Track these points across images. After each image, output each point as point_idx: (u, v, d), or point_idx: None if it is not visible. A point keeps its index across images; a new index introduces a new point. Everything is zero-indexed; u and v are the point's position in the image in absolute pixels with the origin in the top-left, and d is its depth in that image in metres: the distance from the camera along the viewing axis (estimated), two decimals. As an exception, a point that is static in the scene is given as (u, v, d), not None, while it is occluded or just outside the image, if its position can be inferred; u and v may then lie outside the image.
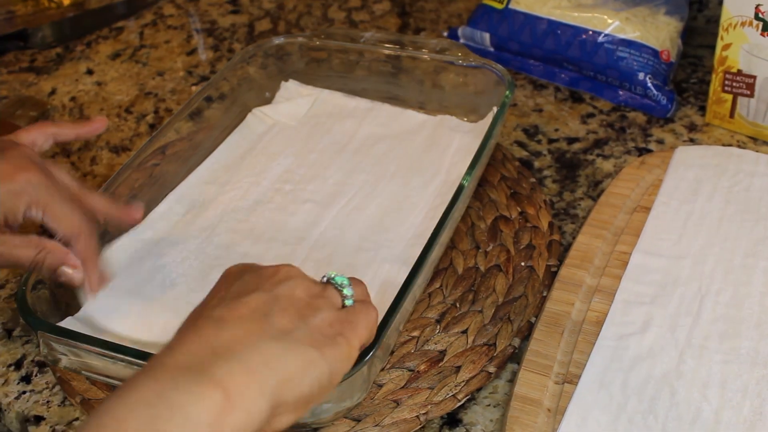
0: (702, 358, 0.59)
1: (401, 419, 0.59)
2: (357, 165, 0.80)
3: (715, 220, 0.70)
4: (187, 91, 0.99)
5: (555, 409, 0.57)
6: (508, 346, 0.63)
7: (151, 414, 0.38)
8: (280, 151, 0.83)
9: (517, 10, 0.93)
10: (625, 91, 0.90)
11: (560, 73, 0.94)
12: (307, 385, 0.43)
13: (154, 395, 0.39)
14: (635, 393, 0.57)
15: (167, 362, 0.41)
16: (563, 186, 0.80)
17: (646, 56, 0.87)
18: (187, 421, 0.38)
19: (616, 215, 0.72)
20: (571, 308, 0.64)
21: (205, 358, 0.41)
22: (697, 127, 0.86)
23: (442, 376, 0.61)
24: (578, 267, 0.68)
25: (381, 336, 0.54)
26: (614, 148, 0.84)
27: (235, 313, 0.45)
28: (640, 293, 0.64)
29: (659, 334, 0.61)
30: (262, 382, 0.41)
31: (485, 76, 0.80)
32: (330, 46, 0.88)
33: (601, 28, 0.89)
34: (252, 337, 0.43)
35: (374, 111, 0.87)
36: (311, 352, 0.44)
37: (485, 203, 0.76)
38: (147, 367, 0.41)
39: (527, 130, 0.88)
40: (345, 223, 0.73)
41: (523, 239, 0.72)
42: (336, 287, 0.51)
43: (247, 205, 0.76)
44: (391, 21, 1.10)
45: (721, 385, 0.57)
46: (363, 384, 0.57)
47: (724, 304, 0.63)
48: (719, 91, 0.83)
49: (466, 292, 0.68)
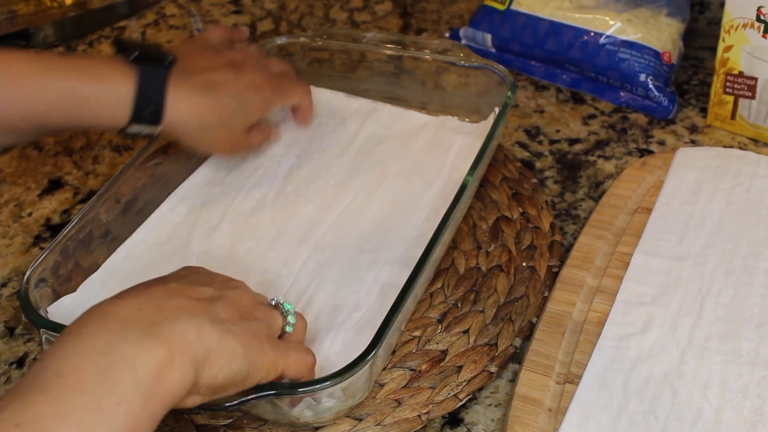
0: (703, 359, 0.59)
1: (403, 418, 0.59)
2: (359, 166, 0.81)
3: (716, 222, 0.70)
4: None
5: (556, 409, 0.57)
6: (510, 346, 0.64)
7: (105, 363, 0.41)
8: (283, 152, 0.83)
9: (518, 11, 0.94)
10: (627, 92, 0.90)
11: (562, 74, 0.94)
12: (223, 374, 0.46)
13: (107, 345, 0.42)
14: (636, 393, 0.57)
15: (119, 314, 0.44)
16: (565, 187, 0.80)
17: (648, 57, 0.88)
18: (136, 373, 0.41)
19: (617, 216, 0.73)
20: (573, 308, 0.64)
21: (153, 317, 0.45)
22: (698, 129, 0.86)
23: (444, 375, 0.62)
24: (579, 267, 0.68)
25: (383, 335, 0.54)
26: (615, 149, 0.85)
27: (186, 291, 0.49)
28: (641, 294, 0.64)
29: (660, 334, 0.61)
30: (194, 353, 0.45)
31: (487, 77, 0.80)
32: (332, 46, 0.88)
33: (602, 30, 0.89)
34: (194, 312, 0.47)
35: (376, 112, 0.87)
36: (238, 347, 0.47)
37: (487, 203, 0.77)
38: (98, 313, 0.45)
39: (529, 130, 0.88)
40: (347, 225, 0.74)
41: (525, 240, 0.72)
42: (282, 312, 0.54)
43: (249, 206, 0.77)
44: (392, 21, 1.10)
45: (721, 385, 0.57)
46: (365, 383, 0.57)
47: (724, 305, 0.63)
48: (720, 93, 0.83)
49: (467, 292, 0.68)
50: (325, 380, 0.52)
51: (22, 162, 0.90)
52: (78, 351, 0.42)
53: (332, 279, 0.68)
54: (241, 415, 0.60)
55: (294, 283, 0.68)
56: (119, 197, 0.72)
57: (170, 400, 0.43)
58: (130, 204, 0.74)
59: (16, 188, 0.87)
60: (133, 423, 0.41)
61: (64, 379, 0.40)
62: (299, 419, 0.56)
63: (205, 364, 0.45)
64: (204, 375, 0.45)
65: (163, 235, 0.74)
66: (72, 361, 0.41)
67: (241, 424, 0.60)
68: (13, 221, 0.82)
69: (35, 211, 0.84)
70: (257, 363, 0.49)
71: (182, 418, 0.61)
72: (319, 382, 0.52)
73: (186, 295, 0.49)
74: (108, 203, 0.70)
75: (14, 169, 0.89)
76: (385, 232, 0.72)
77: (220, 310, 0.49)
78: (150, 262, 0.71)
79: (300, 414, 0.55)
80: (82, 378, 0.40)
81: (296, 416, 0.56)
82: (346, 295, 0.66)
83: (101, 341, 0.42)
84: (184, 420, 0.60)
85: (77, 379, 0.40)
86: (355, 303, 0.65)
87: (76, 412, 0.39)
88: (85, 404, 0.39)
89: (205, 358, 0.45)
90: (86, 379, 0.40)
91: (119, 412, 0.40)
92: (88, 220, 0.68)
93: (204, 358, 0.45)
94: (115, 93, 0.64)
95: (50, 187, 0.87)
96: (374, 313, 0.64)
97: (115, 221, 0.72)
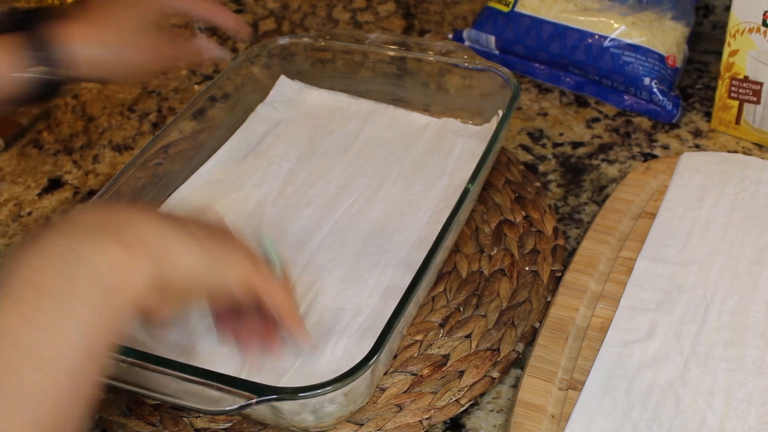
0: (707, 366, 0.59)
1: (404, 424, 0.59)
2: (360, 168, 0.80)
3: (720, 227, 0.70)
4: (191, 90, 0.99)
5: (559, 415, 0.57)
6: (512, 351, 0.63)
7: (64, 261, 0.43)
8: (283, 153, 0.83)
9: (522, 13, 0.93)
10: (631, 96, 0.90)
11: (565, 77, 0.94)
12: (186, 271, 0.48)
13: (66, 248, 0.44)
14: (640, 400, 0.57)
15: (81, 223, 0.46)
16: (568, 190, 0.80)
17: (652, 61, 0.87)
18: (93, 271, 0.43)
19: (621, 221, 0.73)
20: (576, 314, 0.64)
21: (114, 223, 0.46)
22: (702, 133, 0.86)
23: (446, 380, 0.61)
24: (583, 272, 0.68)
25: (385, 340, 0.54)
26: (619, 153, 0.84)
27: (160, 218, 0.50)
28: (645, 299, 0.64)
29: (664, 341, 0.61)
30: (152, 249, 0.46)
31: (491, 79, 0.80)
32: (335, 46, 0.88)
33: (607, 33, 0.89)
34: (159, 219, 0.49)
35: (378, 113, 0.87)
36: (200, 248, 0.49)
37: (489, 207, 0.76)
38: (61, 222, 0.46)
39: (532, 133, 0.88)
40: (347, 227, 0.73)
41: (528, 244, 0.72)
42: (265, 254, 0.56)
43: (248, 209, 0.76)
44: (395, 22, 1.10)
45: (726, 393, 0.57)
46: (366, 388, 0.57)
47: (729, 311, 0.63)
48: (725, 98, 0.83)
49: (469, 296, 0.68)
50: (327, 385, 0.51)
51: (22, 161, 0.90)
52: (39, 254, 0.43)
53: (334, 282, 0.68)
54: (241, 419, 0.60)
55: (295, 286, 0.68)
56: (119, 197, 0.72)
57: (132, 296, 0.44)
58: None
59: (16, 187, 0.86)
60: (99, 319, 0.42)
61: (30, 286, 0.42)
62: (300, 424, 0.56)
63: (165, 260, 0.47)
64: (165, 271, 0.46)
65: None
66: (32, 264, 0.43)
67: (240, 429, 0.60)
68: (12, 220, 0.82)
69: (35, 210, 0.83)
70: (223, 264, 0.50)
71: (181, 422, 0.60)
72: (321, 387, 0.51)
73: (156, 212, 0.50)
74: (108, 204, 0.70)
75: (14, 168, 0.89)
76: (386, 235, 0.72)
77: (191, 225, 0.50)
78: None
79: (301, 419, 0.55)
80: (46, 282, 0.42)
81: (297, 421, 0.55)
82: (348, 298, 0.66)
83: (61, 245, 0.44)
84: (183, 423, 0.60)
85: (42, 284, 0.42)
86: (357, 306, 0.65)
87: (44, 315, 0.41)
88: (51, 307, 0.41)
89: (164, 255, 0.47)
90: (50, 282, 0.42)
91: (83, 311, 0.42)
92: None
93: (163, 254, 0.47)
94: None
95: (50, 186, 0.86)
96: (376, 317, 0.64)
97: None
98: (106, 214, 0.47)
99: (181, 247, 0.48)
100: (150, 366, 0.53)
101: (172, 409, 0.61)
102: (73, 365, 0.40)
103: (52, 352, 0.40)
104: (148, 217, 0.49)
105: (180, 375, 0.52)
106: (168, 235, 0.48)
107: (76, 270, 0.43)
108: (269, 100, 0.88)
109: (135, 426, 0.60)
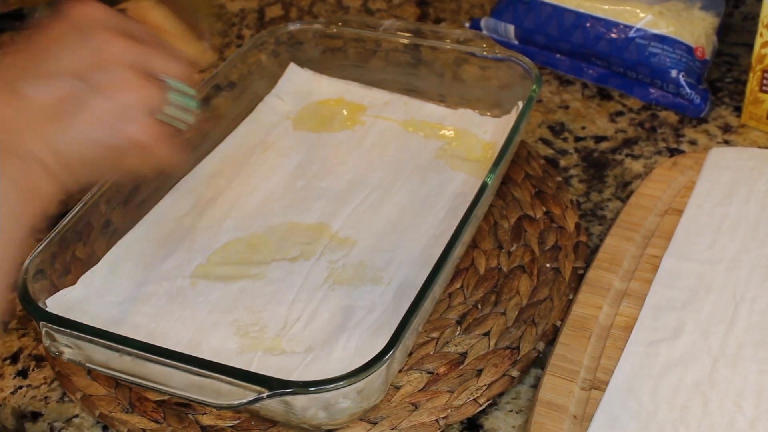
0: (736, 367, 0.60)
1: (419, 423, 0.60)
2: (373, 161, 0.81)
3: (750, 225, 0.71)
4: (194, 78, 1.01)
5: (581, 415, 0.58)
6: (532, 350, 0.65)
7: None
8: (292, 145, 0.84)
9: (544, 1, 0.95)
10: (657, 89, 0.91)
11: (588, 69, 0.95)
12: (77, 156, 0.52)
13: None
14: (666, 401, 0.58)
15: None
16: (590, 186, 0.82)
17: (680, 53, 0.89)
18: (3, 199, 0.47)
19: (646, 217, 0.74)
20: (599, 312, 0.66)
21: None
22: (731, 129, 0.87)
23: (463, 379, 0.63)
24: (606, 270, 0.69)
25: (401, 336, 0.55)
26: (644, 149, 0.86)
27: (41, 97, 0.51)
28: (672, 298, 0.66)
29: (691, 341, 0.62)
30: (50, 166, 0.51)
31: (510, 69, 0.81)
32: (347, 34, 0.89)
33: (632, 22, 0.90)
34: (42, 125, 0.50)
35: (392, 104, 0.88)
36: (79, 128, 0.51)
37: (509, 202, 0.78)
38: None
39: (552, 127, 0.90)
40: (360, 222, 0.75)
41: (549, 240, 0.73)
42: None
43: (256, 202, 0.77)
44: (409, 10, 1.12)
45: (756, 395, 0.58)
46: (381, 385, 0.58)
47: (760, 311, 0.64)
48: (756, 91, 0.84)
49: (488, 293, 0.69)
50: (341, 379, 0.52)
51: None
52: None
53: (346, 279, 0.69)
54: (249, 416, 0.61)
55: (305, 282, 0.69)
56: (120, 188, 0.73)
57: (48, 205, 0.51)
58: (132, 195, 0.75)
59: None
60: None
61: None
62: (311, 420, 0.57)
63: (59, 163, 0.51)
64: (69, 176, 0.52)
65: (166, 229, 0.75)
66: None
67: (248, 426, 0.61)
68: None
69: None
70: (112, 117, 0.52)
71: (186, 419, 0.62)
72: (335, 381, 0.52)
73: (37, 105, 0.50)
74: (108, 194, 0.71)
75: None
76: (401, 231, 0.73)
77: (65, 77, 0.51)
78: (151, 257, 0.72)
79: (312, 415, 0.56)
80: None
81: (308, 417, 0.57)
82: (360, 295, 0.67)
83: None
84: (188, 420, 0.62)
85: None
86: (370, 304, 0.66)
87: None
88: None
89: (58, 160, 0.51)
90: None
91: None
92: (87, 210, 0.69)
93: (57, 159, 0.51)
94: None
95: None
96: (390, 314, 0.65)
97: (115, 213, 0.73)
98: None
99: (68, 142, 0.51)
100: (159, 359, 0.54)
101: (176, 406, 0.63)
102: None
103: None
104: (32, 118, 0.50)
105: (189, 368, 0.53)
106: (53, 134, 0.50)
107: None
108: (278, 89, 0.90)
109: (137, 423, 0.62)
